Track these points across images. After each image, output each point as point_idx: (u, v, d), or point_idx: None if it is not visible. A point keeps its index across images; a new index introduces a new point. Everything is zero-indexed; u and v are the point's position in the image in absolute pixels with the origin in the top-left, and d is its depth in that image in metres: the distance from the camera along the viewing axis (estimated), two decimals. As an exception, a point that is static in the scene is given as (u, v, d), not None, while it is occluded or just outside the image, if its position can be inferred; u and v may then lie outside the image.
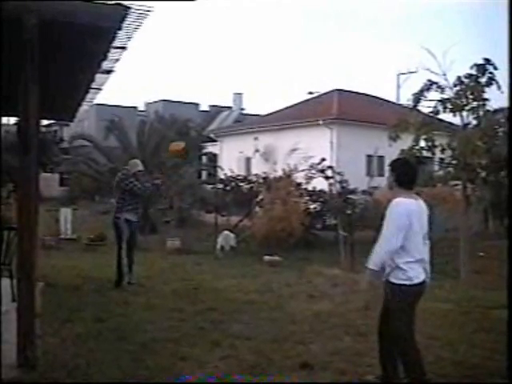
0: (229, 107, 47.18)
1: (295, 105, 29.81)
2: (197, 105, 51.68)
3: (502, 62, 8.78)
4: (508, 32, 5.15)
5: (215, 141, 30.76)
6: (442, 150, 12.01)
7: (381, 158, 24.07)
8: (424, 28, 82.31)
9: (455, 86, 11.79)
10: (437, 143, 11.96)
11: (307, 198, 16.53)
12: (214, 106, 49.59)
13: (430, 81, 11.96)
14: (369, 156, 24.28)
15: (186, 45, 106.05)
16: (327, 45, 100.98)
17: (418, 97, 12.16)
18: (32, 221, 5.22)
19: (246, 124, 31.54)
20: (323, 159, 17.32)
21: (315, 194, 16.85)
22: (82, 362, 5.46)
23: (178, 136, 24.12)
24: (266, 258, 13.12)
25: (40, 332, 5.54)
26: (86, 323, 6.98)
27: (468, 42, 73.72)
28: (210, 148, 30.96)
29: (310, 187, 16.77)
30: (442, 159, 12.57)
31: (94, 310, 7.64)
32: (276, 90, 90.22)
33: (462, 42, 77.81)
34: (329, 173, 17.04)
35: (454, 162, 11.97)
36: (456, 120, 12.42)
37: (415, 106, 12.31)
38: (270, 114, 30.47)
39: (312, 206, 16.70)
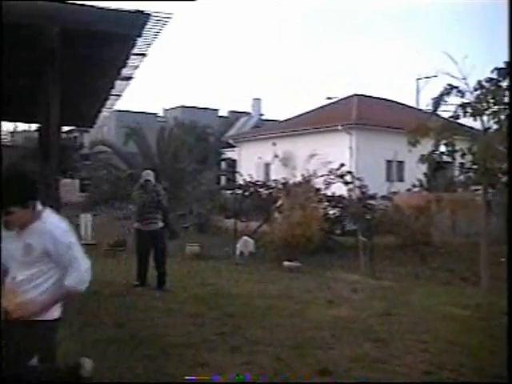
0: (248, 113, 47.21)
1: (314, 110, 29.75)
2: (216, 110, 51.79)
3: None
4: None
5: (234, 146, 30.79)
6: (463, 155, 11.89)
7: (400, 163, 23.96)
8: (444, 32, 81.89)
9: (476, 90, 11.68)
10: (457, 148, 11.84)
11: (326, 203, 16.46)
12: (232, 111, 49.67)
13: (449, 85, 11.86)
14: (388, 161, 24.16)
15: (204, 51, 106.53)
16: (346, 49, 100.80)
17: (437, 101, 12.06)
18: (53, 226, 5.25)
19: (265, 129, 31.52)
20: (342, 164, 17.26)
21: (334, 200, 16.78)
22: (102, 367, 5.48)
23: (197, 142, 24.26)
24: (286, 263, 13.08)
25: (59, 337, 5.55)
26: (106, 328, 7.00)
27: (487, 44, 73.17)
28: (229, 154, 31.01)
29: (329, 193, 16.71)
30: (462, 164, 12.45)
31: (114, 315, 7.67)
32: (295, 96, 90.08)
33: (481, 46, 77.23)
34: (348, 178, 16.98)
35: (474, 166, 11.85)
36: (476, 124, 12.31)
37: (435, 110, 12.21)
38: (289, 119, 30.44)
39: (331, 212, 16.63)
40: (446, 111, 12.38)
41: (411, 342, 6.71)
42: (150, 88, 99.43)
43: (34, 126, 35.13)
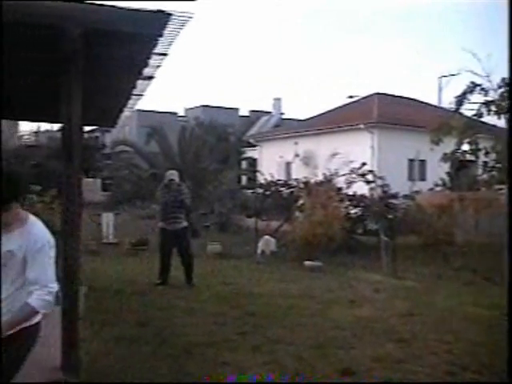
0: (268, 112, 47.22)
1: (335, 109, 29.67)
2: (236, 110, 51.86)
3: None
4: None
5: (255, 146, 30.80)
6: (486, 154, 11.79)
7: (422, 162, 23.80)
8: (466, 29, 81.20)
9: (499, 87, 11.56)
10: (480, 146, 11.74)
11: (348, 202, 16.39)
12: (253, 111, 49.71)
13: (473, 83, 11.76)
14: (410, 160, 24.02)
15: (225, 50, 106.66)
16: (367, 48, 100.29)
17: (460, 99, 11.98)
18: (76, 226, 5.29)
19: (286, 129, 31.50)
20: (364, 163, 17.17)
21: (356, 199, 16.69)
22: (124, 365, 5.51)
23: (218, 141, 24.32)
24: (307, 263, 13.05)
25: (83, 335, 5.60)
26: (128, 327, 7.04)
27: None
28: (250, 153, 31.03)
29: (350, 192, 16.64)
30: (485, 163, 12.35)
31: (136, 314, 7.72)
32: (316, 95, 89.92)
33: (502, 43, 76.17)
34: (370, 177, 16.89)
35: (498, 165, 11.73)
36: (500, 122, 12.19)
37: (458, 108, 12.12)
38: (310, 118, 30.38)
39: (353, 211, 16.55)
40: (469, 109, 12.29)
41: (434, 343, 6.67)
42: (170, 87, 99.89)
43: (56, 126, 35.53)
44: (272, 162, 27.11)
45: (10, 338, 3.14)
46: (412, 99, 29.33)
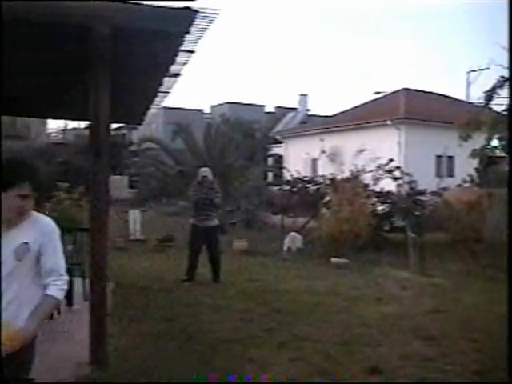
0: (294, 108, 47.13)
1: (362, 105, 29.48)
2: (262, 106, 51.85)
3: None
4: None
5: (281, 142, 30.77)
6: (516, 149, 11.62)
7: (450, 158, 23.55)
8: (493, 22, 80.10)
9: (530, 82, 11.38)
10: (510, 142, 11.57)
11: (375, 199, 16.27)
12: (279, 107, 49.67)
13: (502, 77, 11.59)
14: (438, 156, 23.78)
15: (251, 47, 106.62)
16: (394, 43, 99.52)
17: (490, 94, 11.81)
18: (103, 222, 5.33)
19: (312, 125, 31.41)
20: (391, 160, 17.04)
21: (383, 196, 16.57)
22: (152, 361, 5.55)
23: (243, 138, 24.33)
24: (333, 259, 13.00)
25: (111, 331, 5.65)
26: (155, 323, 7.08)
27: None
28: (276, 149, 31.00)
29: (377, 188, 16.52)
30: (515, 158, 12.16)
31: (162, 310, 7.76)
32: (342, 91, 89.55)
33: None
34: (397, 174, 16.75)
35: (528, 161, 11.56)
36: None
37: (487, 103, 11.96)
38: (336, 114, 30.25)
39: (380, 208, 16.44)
40: (498, 104, 12.12)
41: (462, 341, 6.60)
42: (196, 84, 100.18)
43: (83, 124, 35.87)
44: (298, 158, 27.06)
45: None
46: (440, 94, 29.02)
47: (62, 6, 4.63)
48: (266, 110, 51.50)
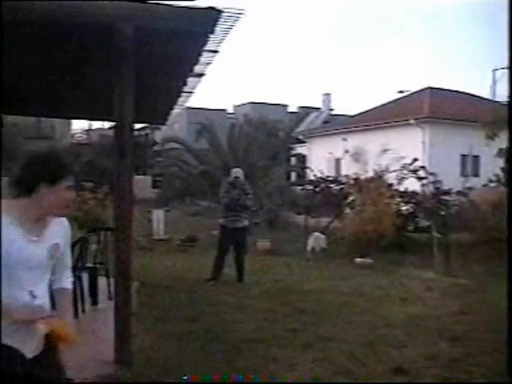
0: (317, 108, 46.99)
1: (385, 104, 29.29)
2: (285, 106, 51.76)
3: None
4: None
5: (304, 142, 30.69)
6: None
7: (476, 157, 23.30)
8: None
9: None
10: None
11: (399, 199, 16.16)
12: (302, 107, 49.53)
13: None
14: (463, 155, 23.54)
15: (274, 46, 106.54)
16: (417, 42, 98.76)
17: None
18: (127, 222, 5.35)
19: (336, 124, 31.27)
20: (415, 159, 16.91)
21: (407, 195, 16.45)
22: (175, 360, 5.56)
23: (267, 138, 24.29)
24: (358, 260, 12.94)
25: (135, 330, 5.67)
26: (178, 322, 7.10)
27: None
28: (299, 149, 30.92)
29: (401, 188, 16.41)
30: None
31: (186, 310, 7.77)
32: (365, 90, 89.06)
33: None
34: (421, 173, 16.62)
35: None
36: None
37: (513, 101, 11.77)
38: (360, 114, 30.09)
39: (404, 208, 16.32)
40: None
41: (488, 342, 6.51)
42: (219, 84, 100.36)
43: (107, 124, 36.14)
44: (321, 158, 26.98)
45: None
46: (464, 93, 28.72)
47: (85, 6, 4.65)
48: (289, 109, 51.39)
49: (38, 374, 2.84)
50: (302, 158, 30.73)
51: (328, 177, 19.39)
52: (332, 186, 18.43)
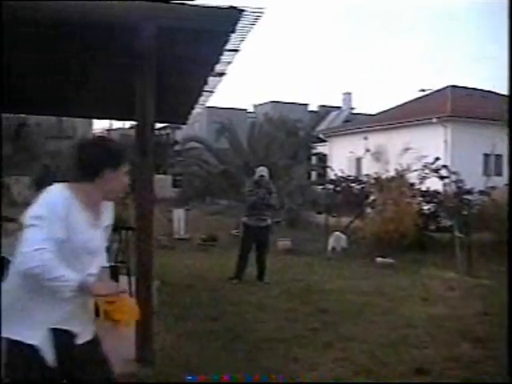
0: (338, 107, 46.85)
1: (407, 103, 29.11)
2: (306, 105, 51.70)
3: None
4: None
5: (325, 141, 30.60)
6: None
7: (498, 156, 23.04)
8: None
9: None
10: None
11: (421, 198, 16.07)
12: (323, 106, 49.40)
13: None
14: (486, 155, 23.30)
15: (294, 45, 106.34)
16: (438, 40, 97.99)
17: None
18: (149, 221, 5.37)
19: (356, 123, 31.14)
20: (437, 158, 16.79)
21: (429, 195, 16.35)
22: (196, 359, 5.57)
23: (287, 137, 24.27)
24: (379, 259, 12.88)
25: (156, 329, 5.69)
26: (200, 321, 7.12)
27: None
28: (320, 148, 30.85)
29: (423, 187, 16.30)
30: None
31: (207, 309, 7.79)
32: (386, 89, 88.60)
33: None
34: (443, 172, 16.49)
35: None
36: None
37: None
38: (381, 112, 29.94)
39: (426, 207, 16.22)
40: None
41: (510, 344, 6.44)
42: (240, 84, 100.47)
43: (128, 124, 36.32)
44: (342, 157, 26.88)
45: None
46: (487, 91, 28.43)
47: (108, 6, 4.67)
48: (310, 108, 51.32)
49: (87, 359, 2.92)
50: (322, 157, 30.66)
51: (349, 176, 19.33)
52: (353, 185, 18.38)
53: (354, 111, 46.03)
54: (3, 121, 23.51)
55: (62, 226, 2.69)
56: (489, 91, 28.56)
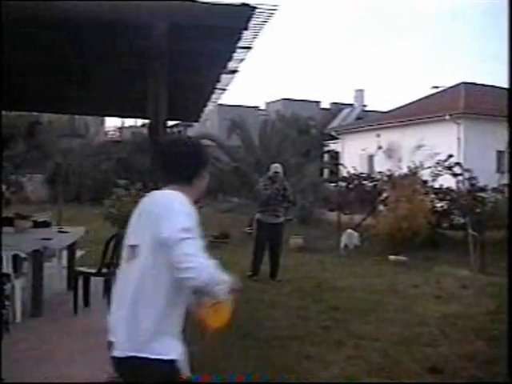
0: (350, 104, 46.66)
1: (420, 100, 28.94)
2: (318, 103, 51.51)
3: None
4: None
5: (337, 138, 30.51)
6: None
7: (512, 153, 22.89)
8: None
9: None
10: None
11: (433, 196, 15.98)
12: (335, 103, 49.22)
13: None
14: (499, 152, 23.13)
15: (306, 43, 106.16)
16: (449, 36, 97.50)
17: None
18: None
19: (369, 121, 31.02)
20: (450, 156, 16.69)
21: (442, 192, 16.25)
22: (208, 356, 5.56)
23: (299, 134, 24.22)
24: (391, 257, 12.83)
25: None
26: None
27: None
28: (332, 146, 30.77)
29: (436, 185, 16.21)
30: None
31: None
32: (398, 86, 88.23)
33: None
34: (456, 170, 16.39)
35: None
36: None
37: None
38: (393, 110, 29.80)
39: (439, 205, 16.12)
40: None
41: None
42: (251, 81, 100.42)
43: (140, 122, 36.37)
44: (354, 154, 26.79)
45: None
46: (499, 87, 28.20)
47: (120, 3, 4.68)
48: (322, 106, 51.13)
49: None
50: (334, 155, 30.57)
51: (361, 173, 19.25)
52: (365, 182, 18.30)
53: (366, 108, 45.78)
54: (15, 119, 23.68)
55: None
56: (501, 87, 28.34)
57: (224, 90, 7.85)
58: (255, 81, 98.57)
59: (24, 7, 4.49)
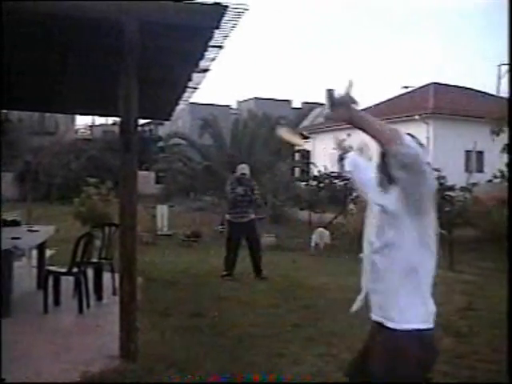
0: (322, 104, 46.86)
1: (390, 100, 29.26)
2: (289, 102, 51.68)
3: None
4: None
5: (308, 138, 30.64)
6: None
7: (480, 153, 23.25)
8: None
9: None
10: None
11: (403, 194, 16.15)
12: (306, 102, 49.43)
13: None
14: (467, 151, 23.49)
15: (278, 42, 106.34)
16: (422, 38, 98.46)
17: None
18: (132, 218, 5.36)
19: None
20: (419, 155, 16.88)
21: (411, 191, 16.42)
22: (180, 355, 5.57)
23: (270, 133, 24.24)
24: (362, 255, 12.91)
25: (139, 325, 5.68)
26: (183, 317, 7.11)
27: None
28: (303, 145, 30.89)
29: (405, 184, 16.38)
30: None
31: (191, 305, 7.78)
32: (369, 86, 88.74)
33: None
34: (425, 169, 16.58)
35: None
36: None
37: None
38: (364, 109, 29.89)
39: (408, 203, 16.28)
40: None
41: (494, 338, 6.51)
42: (223, 80, 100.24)
43: (110, 120, 36.17)
44: (325, 153, 26.92)
45: None
46: (469, 89, 28.65)
47: (90, 1, 4.66)
48: (293, 105, 51.33)
49: None
50: (306, 154, 30.69)
51: (332, 172, 19.36)
52: (336, 181, 18.41)
53: (338, 108, 46.00)
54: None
55: None
56: (471, 89, 28.79)
57: (196, 88, 7.85)
58: (227, 80, 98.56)
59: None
